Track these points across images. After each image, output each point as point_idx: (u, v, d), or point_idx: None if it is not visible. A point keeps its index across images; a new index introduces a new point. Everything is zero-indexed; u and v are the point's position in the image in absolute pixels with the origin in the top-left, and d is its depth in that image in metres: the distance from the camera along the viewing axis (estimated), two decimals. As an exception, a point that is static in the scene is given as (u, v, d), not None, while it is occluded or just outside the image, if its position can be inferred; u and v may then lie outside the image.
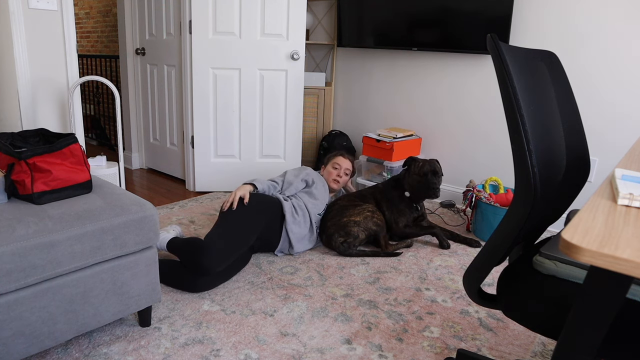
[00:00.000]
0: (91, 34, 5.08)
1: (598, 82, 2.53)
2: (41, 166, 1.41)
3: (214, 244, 1.87)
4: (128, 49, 3.57)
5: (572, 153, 1.13)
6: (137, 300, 1.53)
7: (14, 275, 1.20)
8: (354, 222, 2.27)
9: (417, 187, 2.40)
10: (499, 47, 0.91)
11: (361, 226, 2.27)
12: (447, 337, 1.66)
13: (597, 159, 2.60)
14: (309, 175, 2.42)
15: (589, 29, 2.50)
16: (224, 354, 1.51)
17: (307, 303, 1.85)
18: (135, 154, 3.78)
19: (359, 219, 2.28)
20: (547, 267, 1.00)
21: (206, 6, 2.91)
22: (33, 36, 2.13)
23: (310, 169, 2.48)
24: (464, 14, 2.82)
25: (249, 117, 3.13)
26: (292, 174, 2.41)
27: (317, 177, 2.45)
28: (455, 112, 3.10)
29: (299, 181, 2.37)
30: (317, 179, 2.43)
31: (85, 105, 4.99)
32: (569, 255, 0.55)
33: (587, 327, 0.68)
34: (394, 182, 2.51)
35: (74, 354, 1.47)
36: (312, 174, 2.44)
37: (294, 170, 2.45)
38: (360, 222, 2.27)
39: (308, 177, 2.41)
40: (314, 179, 2.42)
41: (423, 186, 2.39)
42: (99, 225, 1.37)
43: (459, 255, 2.37)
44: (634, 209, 0.70)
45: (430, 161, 2.42)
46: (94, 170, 2.59)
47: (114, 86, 2.40)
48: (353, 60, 3.58)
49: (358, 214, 2.29)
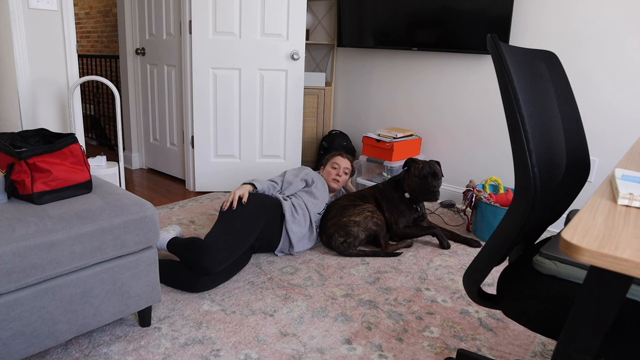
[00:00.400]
0: (91, 34, 5.08)
1: (598, 82, 2.53)
2: (41, 166, 1.41)
3: (214, 244, 1.87)
4: (128, 49, 3.57)
5: (572, 153, 1.13)
6: (137, 300, 1.53)
7: (14, 275, 1.20)
8: (354, 222, 2.27)
9: (416, 189, 2.40)
10: (499, 47, 0.91)
11: (361, 226, 2.27)
12: (447, 337, 1.66)
13: (597, 159, 2.60)
14: (308, 175, 2.42)
15: (588, 29, 2.50)
16: (224, 354, 1.51)
17: (307, 303, 1.85)
18: (135, 154, 3.79)
19: (359, 219, 2.28)
20: (547, 267, 1.00)
21: (206, 6, 2.91)
22: (33, 36, 2.13)
23: (310, 169, 2.49)
24: (464, 14, 2.82)
25: (249, 117, 3.13)
26: (292, 174, 2.41)
27: (316, 176, 2.45)
28: (455, 112, 3.10)
29: (298, 181, 2.38)
30: (316, 179, 2.44)
31: (85, 105, 4.99)
32: (569, 255, 0.55)
33: (587, 327, 0.68)
34: (394, 183, 2.51)
35: (74, 354, 1.47)
36: (311, 174, 2.45)
37: (294, 170, 2.45)
38: (360, 222, 2.27)
39: (307, 176, 2.42)
40: (313, 179, 2.42)
41: (422, 189, 2.38)
42: (99, 225, 1.37)
43: (459, 255, 2.37)
44: (634, 209, 0.70)
45: (430, 163, 2.42)
46: (94, 170, 2.59)
47: (114, 86, 2.40)
48: (353, 60, 3.58)
49: (358, 214, 2.29)
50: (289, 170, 2.47)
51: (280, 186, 2.37)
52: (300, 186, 2.39)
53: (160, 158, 3.63)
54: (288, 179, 2.38)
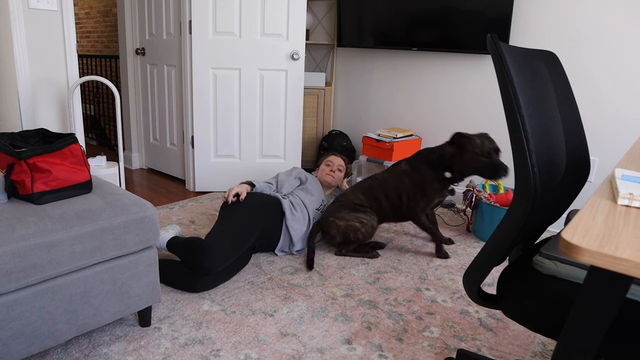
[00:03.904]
0: (91, 34, 5.07)
1: (598, 82, 2.53)
2: (41, 166, 1.41)
3: (215, 244, 1.87)
4: (128, 49, 3.57)
5: (572, 153, 1.13)
6: (137, 300, 1.53)
7: (14, 275, 1.20)
8: (336, 225, 2.23)
9: (477, 169, 2.07)
10: (499, 47, 0.91)
11: (340, 231, 2.23)
12: (447, 337, 1.66)
13: (597, 159, 2.60)
14: (300, 173, 2.49)
15: (589, 28, 2.50)
16: (224, 354, 1.51)
17: (307, 303, 1.85)
18: (135, 154, 3.78)
19: (341, 224, 2.22)
20: (547, 267, 1.00)
21: (206, 6, 2.91)
22: (33, 36, 2.13)
23: (300, 168, 2.55)
24: (464, 14, 2.82)
25: (249, 117, 3.13)
26: (285, 174, 2.47)
27: (308, 175, 2.52)
28: (455, 112, 3.10)
29: (292, 179, 2.43)
30: (308, 176, 2.50)
31: (85, 105, 4.99)
32: (569, 255, 0.55)
33: (587, 327, 0.68)
34: (432, 160, 2.17)
35: (74, 354, 1.47)
36: (302, 172, 2.51)
37: (285, 171, 2.52)
38: (341, 227, 2.22)
39: (300, 174, 2.48)
40: (306, 176, 2.49)
41: (488, 167, 2.04)
42: (99, 225, 1.37)
43: (459, 255, 2.37)
44: (634, 209, 0.70)
45: (486, 136, 2.10)
46: (94, 170, 2.59)
47: (114, 86, 2.40)
48: (353, 60, 3.58)
49: (343, 219, 2.22)
50: (281, 172, 2.55)
51: (275, 186, 2.40)
52: (295, 184, 2.43)
53: (160, 158, 3.63)
54: (282, 179, 2.42)
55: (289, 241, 2.25)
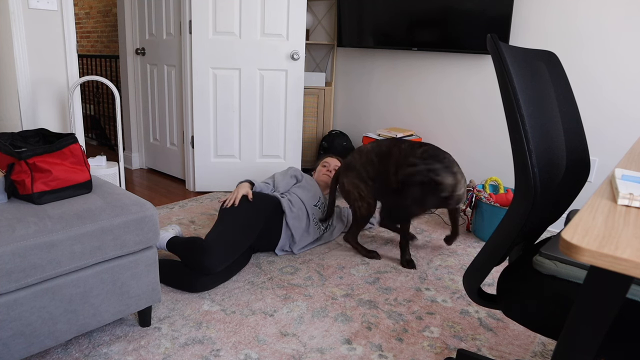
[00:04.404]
0: (91, 34, 5.07)
1: (598, 82, 2.53)
2: (41, 166, 1.41)
3: (215, 243, 1.87)
4: (128, 49, 3.57)
5: (572, 153, 1.13)
6: (137, 300, 1.53)
7: (14, 275, 1.20)
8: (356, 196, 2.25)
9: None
10: (499, 47, 0.91)
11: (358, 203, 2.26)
12: (447, 337, 1.66)
13: (597, 159, 2.60)
14: (296, 172, 2.50)
15: (589, 28, 2.50)
16: (224, 354, 1.51)
17: (307, 303, 1.85)
18: (135, 154, 3.78)
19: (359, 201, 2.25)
20: (547, 267, 1.00)
21: (206, 6, 2.91)
22: (33, 36, 2.13)
23: (295, 167, 2.58)
24: (464, 14, 2.82)
25: (249, 117, 3.13)
26: (280, 174, 2.49)
27: (302, 173, 2.54)
28: (455, 112, 3.10)
29: (288, 177, 2.45)
30: (303, 174, 2.52)
31: (85, 105, 4.99)
32: (569, 255, 0.55)
33: (587, 327, 0.68)
34: None
35: (74, 354, 1.47)
36: (298, 170, 2.53)
37: (281, 172, 2.53)
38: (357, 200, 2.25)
39: (296, 172, 2.50)
40: (302, 174, 2.51)
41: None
42: (99, 225, 1.37)
43: (459, 255, 2.37)
44: (634, 209, 0.70)
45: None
46: (94, 170, 2.59)
47: (114, 86, 2.40)
48: (353, 60, 3.58)
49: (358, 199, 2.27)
50: (276, 173, 2.56)
51: (272, 186, 2.40)
52: (291, 182, 2.45)
53: (160, 158, 3.63)
54: (278, 179, 2.44)
55: (290, 239, 2.25)
